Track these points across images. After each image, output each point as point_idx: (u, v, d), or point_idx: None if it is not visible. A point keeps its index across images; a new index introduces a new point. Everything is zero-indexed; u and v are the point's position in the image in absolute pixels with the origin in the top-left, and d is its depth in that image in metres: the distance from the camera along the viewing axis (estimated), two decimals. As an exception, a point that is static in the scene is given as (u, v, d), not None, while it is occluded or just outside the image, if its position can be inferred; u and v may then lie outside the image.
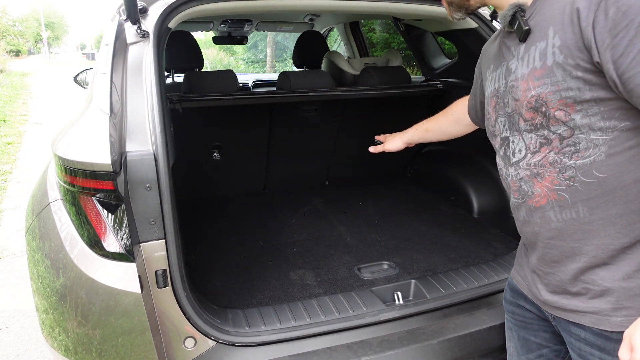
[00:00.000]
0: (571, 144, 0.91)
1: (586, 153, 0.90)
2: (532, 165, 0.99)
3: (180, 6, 1.65)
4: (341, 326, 1.55)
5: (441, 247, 2.28)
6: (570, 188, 0.94)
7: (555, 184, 0.95)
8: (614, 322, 0.94)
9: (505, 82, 1.03)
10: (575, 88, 0.87)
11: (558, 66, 0.88)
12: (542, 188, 0.98)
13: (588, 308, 0.98)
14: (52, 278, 1.33)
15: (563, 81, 0.88)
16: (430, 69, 3.06)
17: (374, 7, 1.98)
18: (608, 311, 0.95)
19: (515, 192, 1.06)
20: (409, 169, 3.37)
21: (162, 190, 1.33)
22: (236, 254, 2.24)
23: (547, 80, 0.90)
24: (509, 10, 0.98)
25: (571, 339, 1.05)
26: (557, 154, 0.94)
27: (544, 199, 0.98)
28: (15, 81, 17.88)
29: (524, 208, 1.05)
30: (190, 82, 2.43)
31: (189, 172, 2.73)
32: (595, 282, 0.96)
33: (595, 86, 0.85)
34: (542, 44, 0.91)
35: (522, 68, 0.96)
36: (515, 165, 1.04)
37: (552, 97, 0.90)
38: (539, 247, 1.05)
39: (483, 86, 1.25)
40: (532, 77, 0.93)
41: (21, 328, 2.64)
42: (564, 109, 0.89)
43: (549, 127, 0.93)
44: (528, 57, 0.95)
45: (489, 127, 1.15)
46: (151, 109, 1.39)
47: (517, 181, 1.04)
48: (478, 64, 1.33)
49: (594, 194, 0.92)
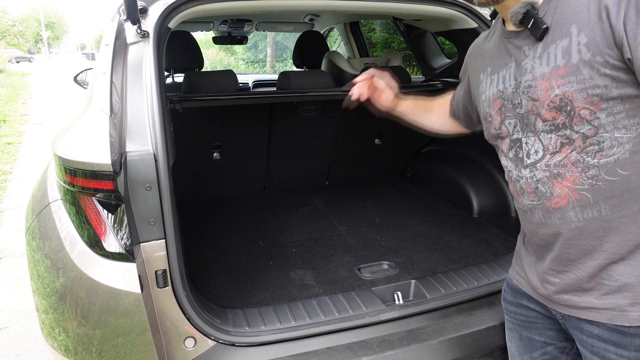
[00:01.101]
0: (595, 143, 0.90)
1: (610, 152, 0.89)
2: (552, 166, 0.97)
3: (180, 6, 1.65)
4: (341, 326, 1.55)
5: (441, 247, 2.28)
6: (593, 187, 0.93)
7: (578, 183, 0.94)
8: (632, 317, 0.94)
9: (517, 83, 1.00)
10: (602, 86, 0.86)
11: (585, 64, 0.86)
12: (562, 188, 0.96)
13: (604, 304, 0.97)
14: (52, 278, 1.33)
15: (590, 79, 0.86)
16: (430, 69, 3.06)
17: (374, 7, 1.98)
18: (626, 306, 0.94)
19: (530, 194, 1.03)
20: (409, 169, 3.37)
21: (162, 190, 1.33)
22: (236, 254, 2.24)
23: (572, 79, 0.88)
24: (521, 8, 0.95)
25: (583, 336, 1.05)
26: (580, 154, 0.92)
27: (564, 200, 0.97)
28: (15, 81, 17.88)
29: (539, 210, 1.02)
30: (190, 82, 2.44)
31: (189, 172, 2.73)
32: (612, 277, 0.96)
33: (623, 83, 0.85)
34: (564, 42, 0.89)
35: (541, 67, 0.94)
36: (530, 166, 1.01)
37: (578, 96, 0.88)
38: (556, 247, 1.03)
39: (472, 90, 1.23)
40: (554, 75, 0.91)
41: (21, 328, 2.64)
42: (589, 107, 0.88)
43: (572, 127, 0.92)
44: (548, 55, 0.92)
45: (490, 129, 1.12)
46: (151, 109, 1.39)
47: (533, 183, 1.01)
48: (464, 69, 1.30)
49: (617, 192, 0.91)
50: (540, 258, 1.10)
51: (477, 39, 1.26)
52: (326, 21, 4.19)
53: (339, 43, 4.91)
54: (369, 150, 3.16)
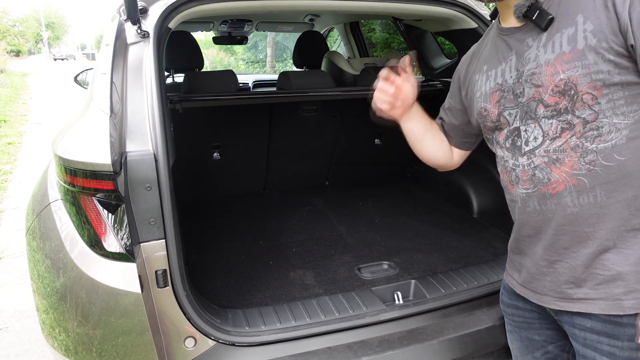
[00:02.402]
0: (594, 128, 0.93)
1: (608, 137, 0.92)
2: (552, 152, 0.99)
3: (181, 6, 1.65)
4: (341, 326, 1.55)
5: (441, 247, 2.28)
6: (590, 172, 0.95)
7: (575, 168, 0.96)
8: (626, 306, 0.95)
9: (519, 73, 1.03)
10: (605, 71, 0.90)
11: (590, 49, 0.90)
12: (560, 174, 0.99)
13: (598, 294, 0.98)
14: (52, 278, 1.33)
15: (595, 64, 0.90)
16: (430, 69, 3.06)
17: (374, 7, 1.98)
18: (619, 295, 0.96)
19: (526, 182, 1.05)
20: (409, 169, 3.37)
21: (162, 190, 1.33)
22: (236, 254, 2.24)
23: (577, 64, 0.92)
24: (526, 1, 0.99)
25: (575, 330, 1.05)
26: (580, 138, 0.95)
27: (562, 185, 0.99)
28: (16, 81, 17.88)
29: (535, 197, 1.04)
30: (190, 82, 2.44)
31: (189, 172, 2.73)
32: (606, 267, 0.97)
33: (625, 70, 0.89)
34: (570, 30, 0.93)
35: (545, 54, 0.97)
36: (528, 153, 1.04)
37: (582, 80, 0.92)
38: (549, 234, 1.04)
39: (467, 95, 1.23)
40: (559, 61, 0.95)
41: (21, 328, 2.64)
42: (592, 92, 0.92)
43: (574, 112, 0.95)
44: (553, 43, 0.96)
45: (486, 123, 1.14)
46: (151, 109, 1.40)
47: (530, 170, 1.04)
48: (457, 80, 1.29)
49: (613, 177, 0.94)
50: (533, 251, 1.10)
51: (464, 57, 1.29)
52: (326, 21, 4.19)
53: (339, 43, 4.91)
54: (369, 150, 3.16)
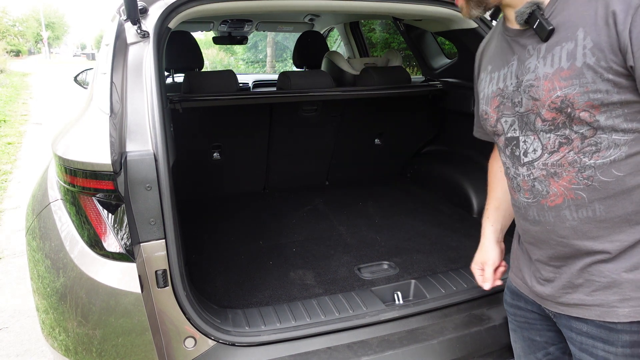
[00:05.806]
0: (592, 144, 0.91)
1: (607, 153, 0.91)
2: (550, 165, 0.98)
3: (181, 6, 1.65)
4: (341, 326, 1.55)
5: (441, 247, 2.28)
6: (588, 187, 0.94)
7: (574, 183, 0.95)
8: (621, 314, 0.95)
9: (518, 81, 1.01)
10: (604, 90, 0.87)
11: (589, 68, 0.87)
12: (558, 187, 0.98)
13: (593, 301, 0.98)
14: (52, 278, 1.33)
15: (593, 83, 0.87)
16: (430, 69, 3.06)
17: (374, 7, 1.98)
18: (615, 302, 0.95)
19: (527, 192, 1.04)
20: (409, 169, 3.37)
21: (162, 190, 1.33)
22: (236, 254, 2.24)
23: (575, 82, 0.89)
24: (527, 8, 0.96)
25: (572, 334, 1.06)
26: (577, 154, 0.93)
27: (560, 198, 0.98)
28: (16, 81, 17.88)
29: (534, 208, 1.03)
30: (190, 82, 2.44)
31: (189, 172, 2.73)
32: (602, 274, 0.96)
33: (624, 89, 0.86)
34: (569, 45, 0.90)
35: (544, 67, 0.94)
36: (528, 165, 1.02)
37: (579, 99, 0.89)
38: (549, 245, 1.04)
39: (477, 92, 1.22)
40: (557, 77, 0.92)
41: (21, 328, 2.64)
42: (589, 110, 0.89)
43: (572, 127, 0.93)
44: (552, 57, 0.93)
45: (487, 126, 1.14)
46: (151, 109, 1.40)
47: (530, 181, 1.02)
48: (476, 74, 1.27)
49: (612, 193, 0.92)
50: (534, 256, 1.11)
51: (483, 41, 1.25)
52: (326, 21, 4.19)
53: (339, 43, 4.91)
54: (369, 150, 3.16)
